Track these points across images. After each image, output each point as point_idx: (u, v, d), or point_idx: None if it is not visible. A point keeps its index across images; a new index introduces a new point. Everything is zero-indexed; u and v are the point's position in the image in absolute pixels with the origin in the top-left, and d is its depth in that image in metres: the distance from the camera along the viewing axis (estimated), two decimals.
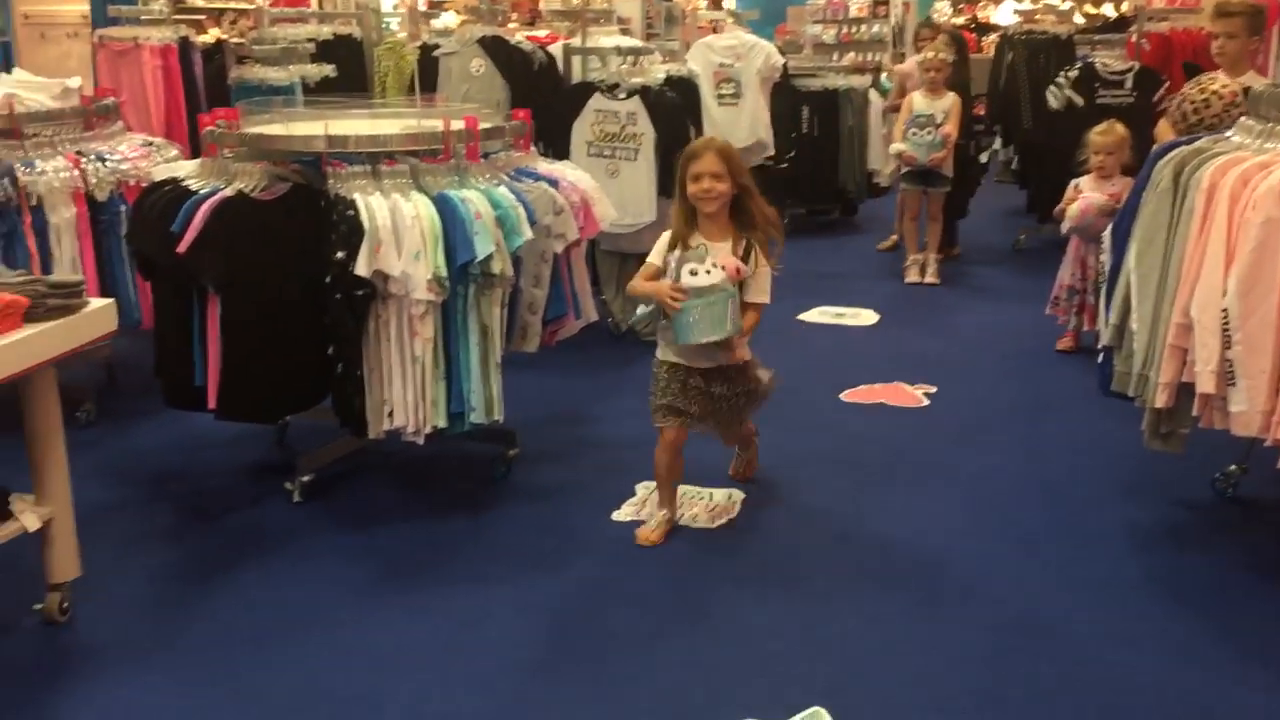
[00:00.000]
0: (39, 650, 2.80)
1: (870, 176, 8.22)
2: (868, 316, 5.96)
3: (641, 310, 3.36)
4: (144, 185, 3.80)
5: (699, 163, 3.16)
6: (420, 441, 3.45)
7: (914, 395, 4.69)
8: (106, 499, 3.62)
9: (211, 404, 3.40)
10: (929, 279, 6.64)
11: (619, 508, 3.59)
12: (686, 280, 3.11)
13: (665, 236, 3.26)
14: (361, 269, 3.20)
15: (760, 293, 3.25)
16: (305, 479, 3.63)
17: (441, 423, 3.41)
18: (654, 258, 3.24)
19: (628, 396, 4.69)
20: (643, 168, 5.14)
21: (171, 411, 3.77)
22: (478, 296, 3.37)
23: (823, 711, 2.51)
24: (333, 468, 3.78)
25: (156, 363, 3.64)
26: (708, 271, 3.11)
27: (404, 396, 3.36)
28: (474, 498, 3.69)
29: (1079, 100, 6.82)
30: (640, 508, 3.58)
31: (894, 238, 7.46)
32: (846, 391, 4.72)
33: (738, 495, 3.68)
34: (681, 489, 3.56)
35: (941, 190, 6.60)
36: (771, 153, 7.01)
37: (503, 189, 3.49)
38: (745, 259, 3.18)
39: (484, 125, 3.65)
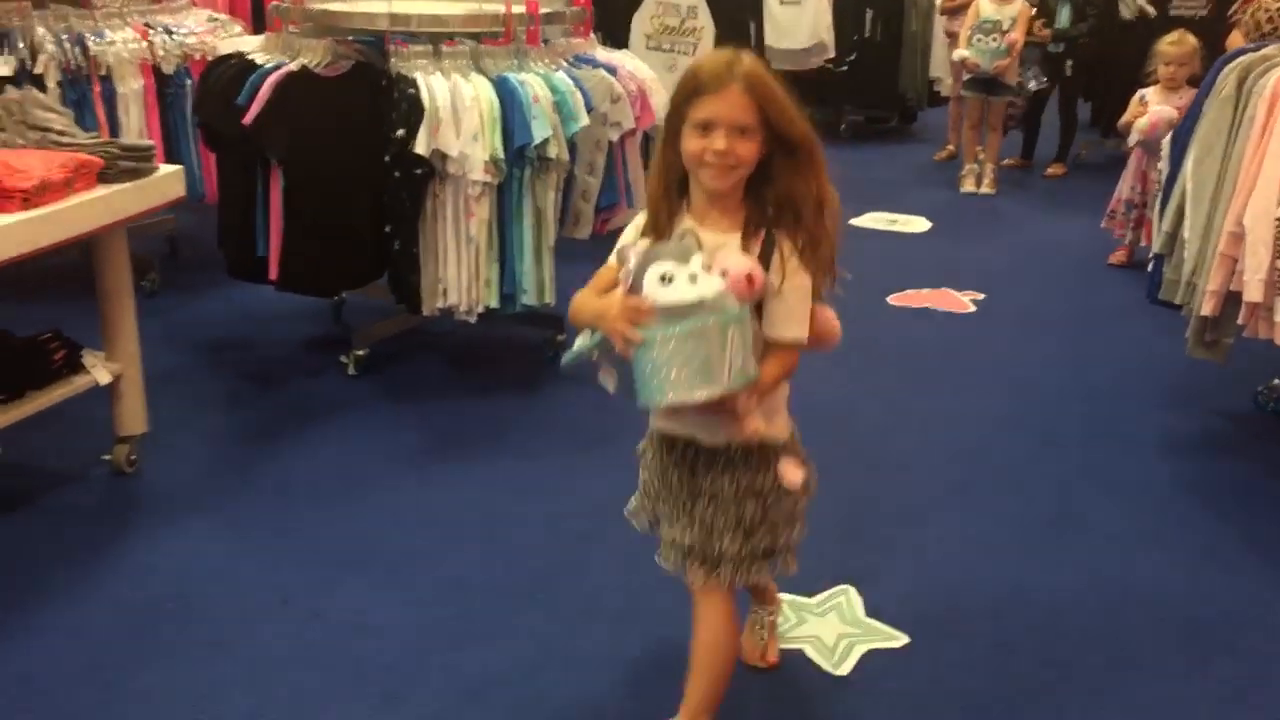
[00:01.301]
0: (108, 497, 2.97)
1: (932, 84, 8.08)
2: (920, 224, 5.94)
3: (580, 343, 1.85)
4: (210, 59, 3.87)
5: (713, 101, 1.75)
6: (472, 320, 3.54)
7: (961, 301, 4.70)
8: (170, 364, 3.75)
9: (272, 275, 3.51)
10: (985, 188, 6.57)
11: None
12: (655, 292, 1.70)
13: (635, 221, 1.91)
14: (420, 147, 3.26)
15: (790, 322, 1.81)
16: (360, 353, 3.74)
17: (494, 303, 3.50)
18: (614, 255, 1.87)
19: None
20: None
21: (233, 283, 3.88)
22: (533, 180, 3.43)
23: (851, 590, 2.60)
24: (387, 344, 3.89)
25: (220, 234, 3.75)
26: (692, 278, 1.70)
27: (458, 276, 3.44)
28: (524, 378, 3.79)
29: (1151, 10, 6.65)
30: None
31: (949, 148, 7.38)
32: (894, 295, 4.74)
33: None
34: None
35: (1003, 99, 6.50)
36: (831, 55, 6.93)
37: (561, 74, 3.52)
38: (765, 262, 1.77)
39: (544, 10, 3.67)
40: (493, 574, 2.66)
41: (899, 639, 2.43)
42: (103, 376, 2.94)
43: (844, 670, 2.33)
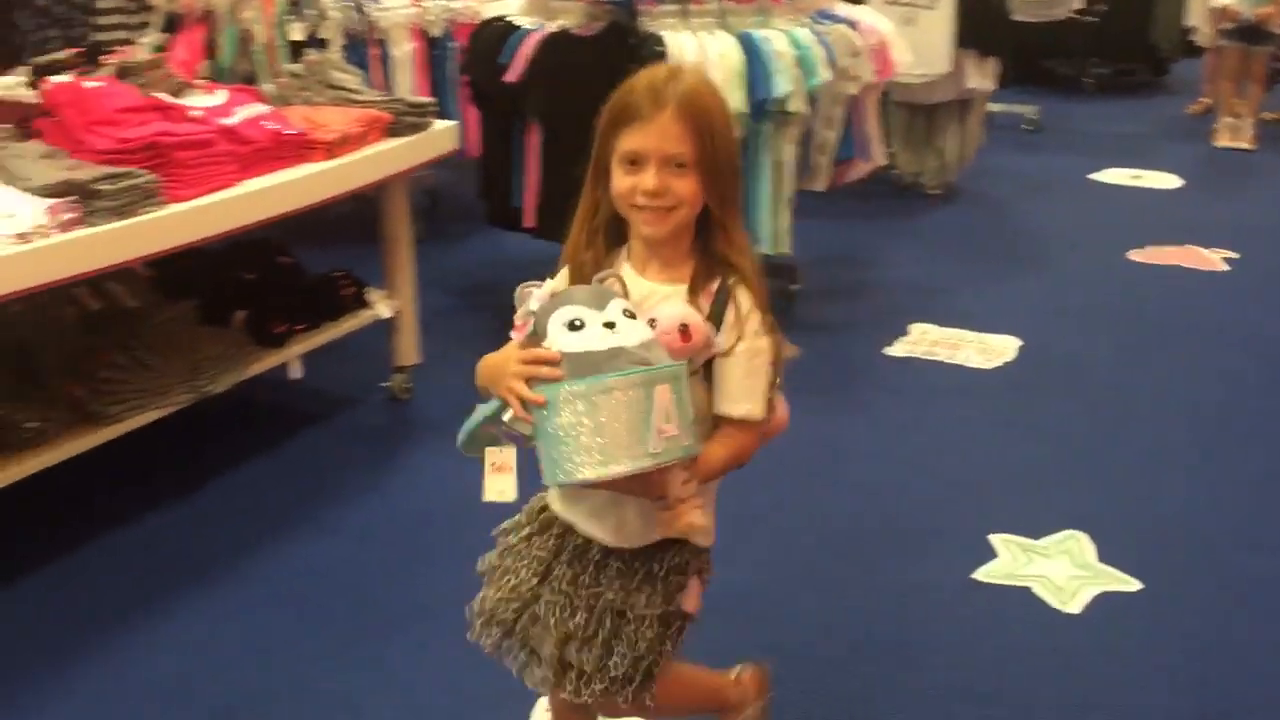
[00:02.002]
0: (387, 419, 3.32)
1: (1186, 34, 7.68)
2: (1168, 179, 5.71)
3: (474, 416, 1.51)
4: (475, 23, 4.17)
5: (643, 130, 1.43)
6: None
7: (1211, 259, 4.54)
8: (436, 304, 4.10)
9: (527, 223, 3.78)
10: (1242, 143, 6.24)
11: (891, 344, 3.76)
12: (560, 340, 1.37)
13: (554, 277, 1.57)
14: None
15: (745, 394, 1.49)
16: None
17: None
18: (527, 305, 1.49)
19: (906, 245, 4.80)
20: (941, 17, 5.09)
21: (488, 233, 4.20)
22: (774, 134, 3.56)
23: (1083, 535, 2.64)
24: None
25: (480, 185, 4.06)
26: (609, 326, 1.37)
27: None
28: None
29: None
30: (914, 345, 3.74)
31: (1204, 101, 7.00)
32: (1134, 251, 4.62)
33: (1013, 342, 3.76)
34: (953, 333, 3.67)
35: (1265, 49, 6.14)
36: (1080, 4, 6.69)
37: (804, 30, 3.62)
38: (717, 315, 1.48)
39: None
40: (722, 504, 2.83)
41: (1132, 584, 2.47)
42: (384, 311, 3.28)
43: (1074, 609, 2.39)
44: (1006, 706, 2.11)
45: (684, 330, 1.41)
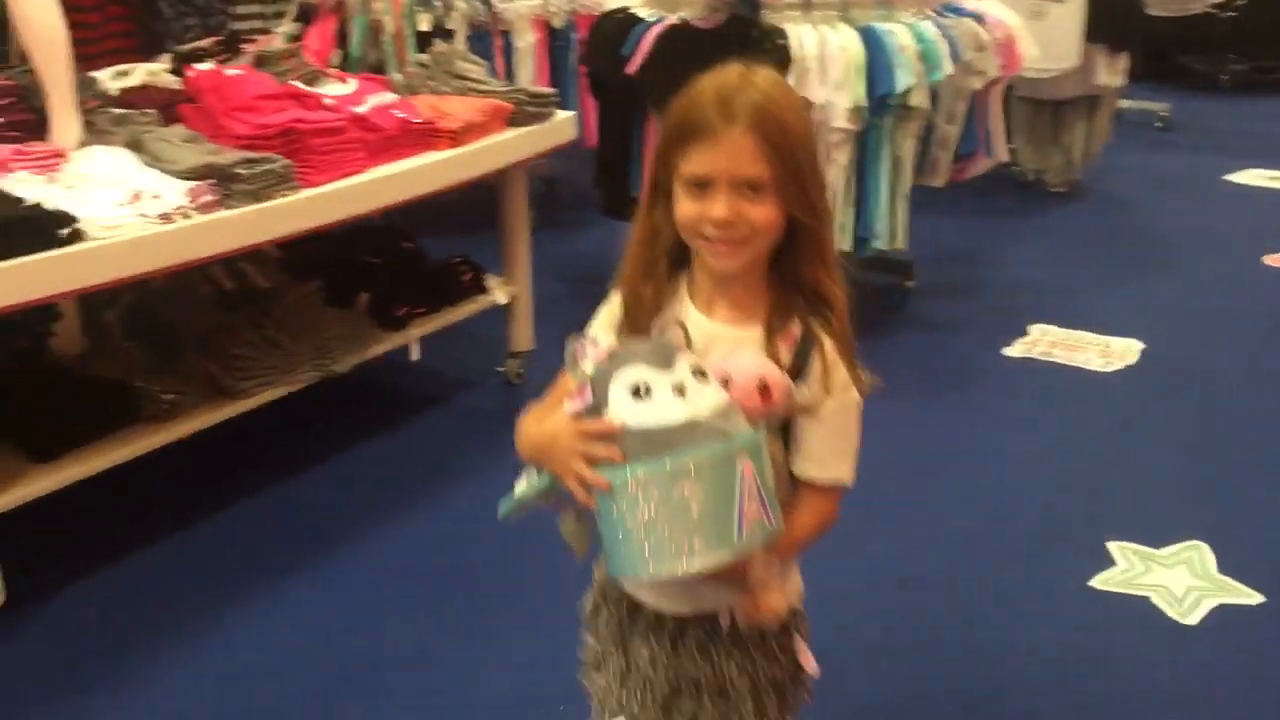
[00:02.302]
0: (501, 401, 3.38)
1: None
2: None
3: (522, 486, 1.33)
4: (596, 15, 4.21)
5: (710, 149, 1.22)
6: None
7: None
8: (550, 291, 4.15)
9: None
10: None
11: (1010, 344, 3.69)
12: (624, 411, 1.17)
13: (608, 307, 1.38)
14: None
15: (834, 456, 1.33)
16: None
17: (847, 246, 3.63)
18: (581, 367, 1.24)
19: (1027, 243, 4.71)
20: (1071, 10, 4.96)
21: (603, 221, 4.24)
22: (894, 128, 3.52)
23: (1204, 546, 2.57)
24: None
25: (596, 174, 4.10)
26: (679, 389, 1.17)
27: None
28: (870, 322, 3.86)
29: None
30: (1033, 346, 3.67)
31: None
32: (1270, 255, 4.44)
33: (1135, 346, 3.66)
34: (1073, 335, 3.59)
35: None
36: None
37: (928, 23, 3.57)
38: (799, 367, 1.28)
39: None
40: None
41: (1254, 596, 2.39)
42: (501, 297, 3.34)
43: (1192, 620, 2.32)
44: (1116, 718, 2.06)
45: (764, 389, 1.20)
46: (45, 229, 2.10)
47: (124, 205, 2.28)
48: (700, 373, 1.18)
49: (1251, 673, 2.18)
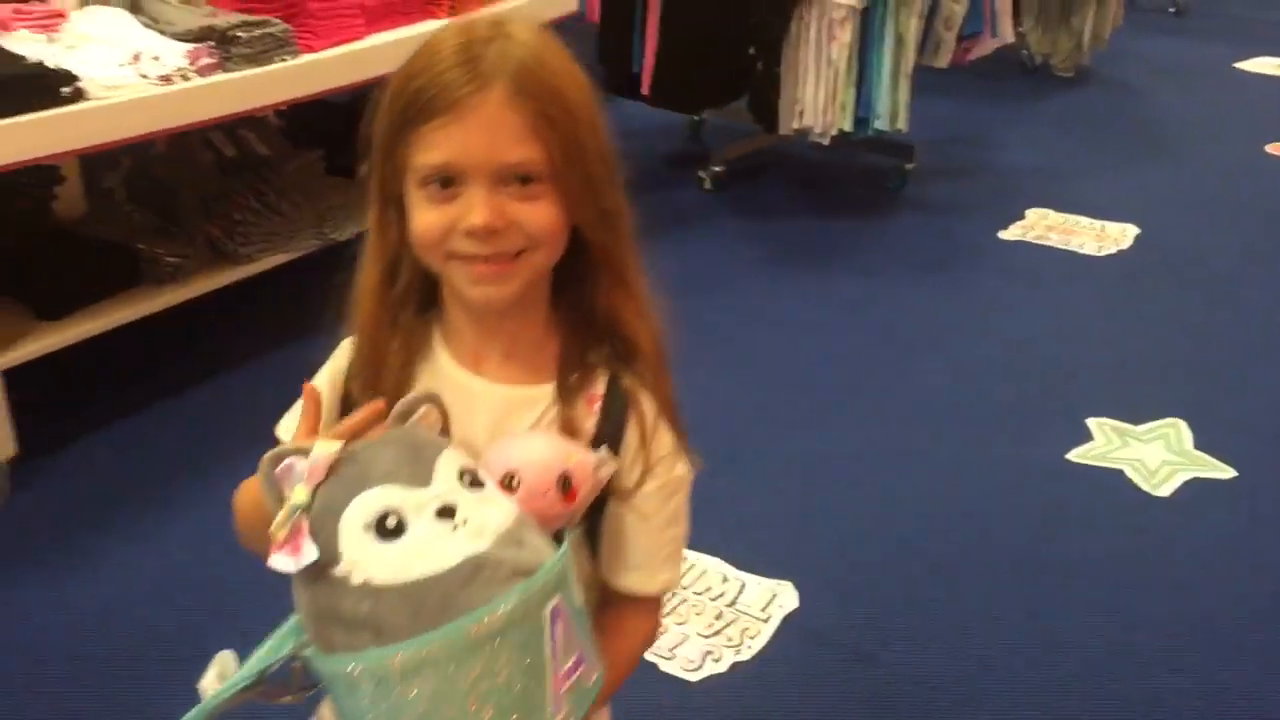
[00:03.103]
0: None
1: None
2: None
3: (216, 687, 0.82)
4: None
5: (456, 125, 0.85)
6: (825, 143, 3.70)
7: None
8: None
9: (644, 90, 3.80)
10: None
11: (1006, 228, 3.72)
12: (370, 564, 0.76)
13: (331, 364, 1.03)
14: None
15: (659, 561, 0.98)
16: (717, 169, 4.00)
17: (847, 126, 3.63)
18: (293, 498, 0.79)
19: (1029, 127, 4.70)
20: None
21: (607, 100, 4.22)
22: (897, 6, 3.49)
23: (1181, 423, 2.64)
24: (740, 163, 4.13)
25: (599, 51, 4.07)
26: (445, 514, 0.78)
27: (815, 98, 3.60)
28: (867, 203, 3.94)
29: None
30: (1028, 229, 3.70)
31: None
32: (1274, 144, 4.44)
33: (1130, 230, 3.68)
34: (1069, 219, 3.59)
35: None
36: None
37: None
38: (608, 437, 0.94)
39: None
40: (825, 372, 2.89)
41: (1226, 471, 2.47)
42: None
43: (1163, 492, 2.40)
44: (1088, 579, 2.16)
45: (565, 485, 0.86)
46: (47, 87, 2.11)
47: (124, 65, 2.29)
48: (473, 478, 0.81)
49: (1218, 543, 2.27)
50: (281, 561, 0.77)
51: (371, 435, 0.84)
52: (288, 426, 0.99)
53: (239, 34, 2.44)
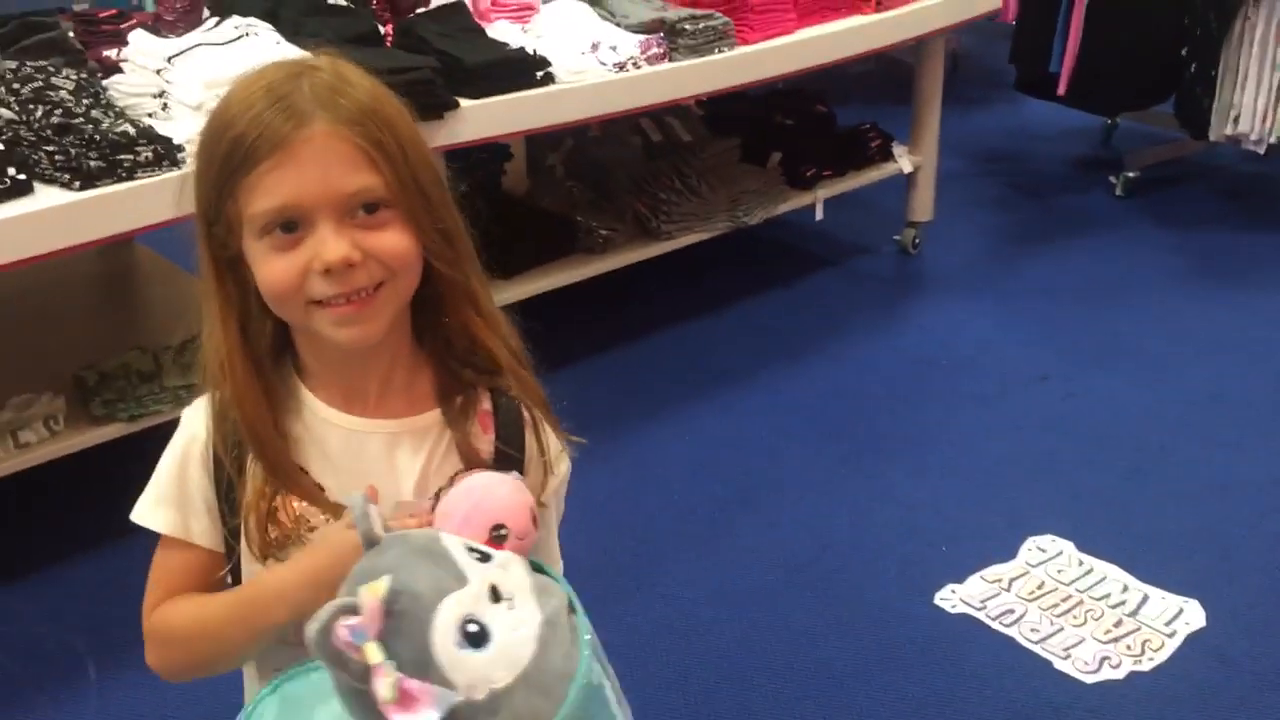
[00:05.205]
0: (895, 269, 3.48)
1: None
2: None
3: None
4: None
5: (287, 165, 0.86)
6: (1261, 151, 3.45)
7: None
8: (952, 167, 4.12)
9: (1061, 90, 3.70)
10: None
11: None
12: (476, 671, 0.76)
13: (184, 444, 0.99)
14: None
15: (556, 549, 1.09)
16: (1131, 175, 3.83)
17: None
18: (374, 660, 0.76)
19: None
20: None
21: (1009, 100, 4.16)
22: None
23: None
24: (1157, 169, 3.92)
25: (1014, 49, 4.00)
26: (495, 596, 0.80)
27: (1254, 103, 3.37)
28: None
29: None
30: None
31: None
32: None
33: None
34: None
35: None
36: None
37: None
38: (513, 450, 1.00)
39: None
40: (1239, 389, 2.72)
41: None
42: (906, 165, 3.40)
43: None
44: None
45: (533, 514, 0.89)
46: (527, 70, 2.39)
47: (586, 54, 2.55)
48: (479, 552, 0.82)
49: None
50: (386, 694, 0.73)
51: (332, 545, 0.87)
52: (151, 515, 0.96)
53: (686, 26, 2.64)
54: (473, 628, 0.76)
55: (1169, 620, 1.98)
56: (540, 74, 2.41)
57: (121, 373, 2.17)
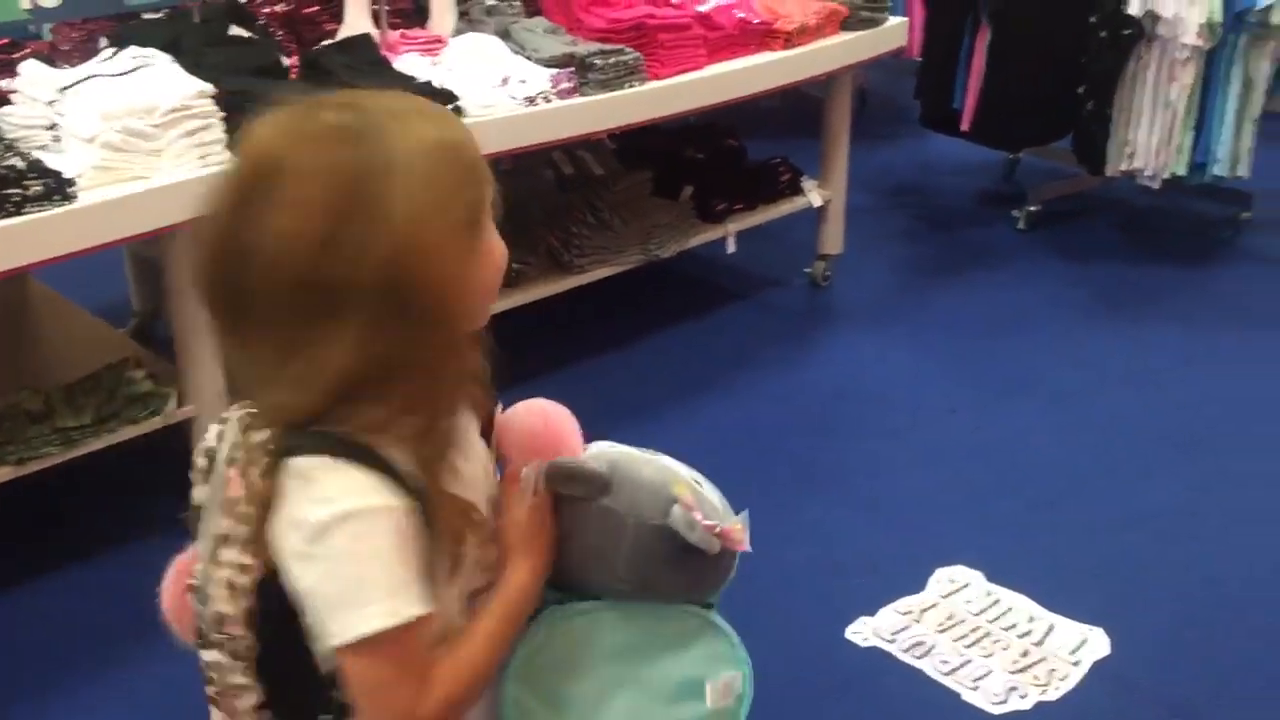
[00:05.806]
0: (806, 302, 3.51)
1: None
2: None
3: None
4: None
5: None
6: (1155, 186, 3.57)
7: None
8: (859, 200, 4.19)
9: (964, 126, 3.79)
10: None
11: None
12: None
13: (391, 535, 0.90)
14: (1133, 8, 3.31)
15: None
16: (1032, 209, 3.92)
17: (1181, 170, 3.49)
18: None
19: None
20: None
21: (914, 136, 4.23)
22: (1248, 47, 3.33)
23: None
24: (1058, 203, 4.03)
25: (918, 85, 4.09)
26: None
27: (1148, 140, 3.48)
28: (1195, 253, 3.75)
29: None
30: None
31: None
32: None
33: None
34: None
35: None
36: None
37: None
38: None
39: None
40: (1143, 420, 2.79)
41: None
42: (816, 199, 3.44)
43: None
44: None
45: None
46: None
47: (496, 87, 2.53)
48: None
49: None
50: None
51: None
52: (401, 611, 0.89)
53: (596, 61, 2.64)
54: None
55: (1073, 649, 2.01)
56: (450, 108, 2.39)
57: (10, 413, 2.09)
